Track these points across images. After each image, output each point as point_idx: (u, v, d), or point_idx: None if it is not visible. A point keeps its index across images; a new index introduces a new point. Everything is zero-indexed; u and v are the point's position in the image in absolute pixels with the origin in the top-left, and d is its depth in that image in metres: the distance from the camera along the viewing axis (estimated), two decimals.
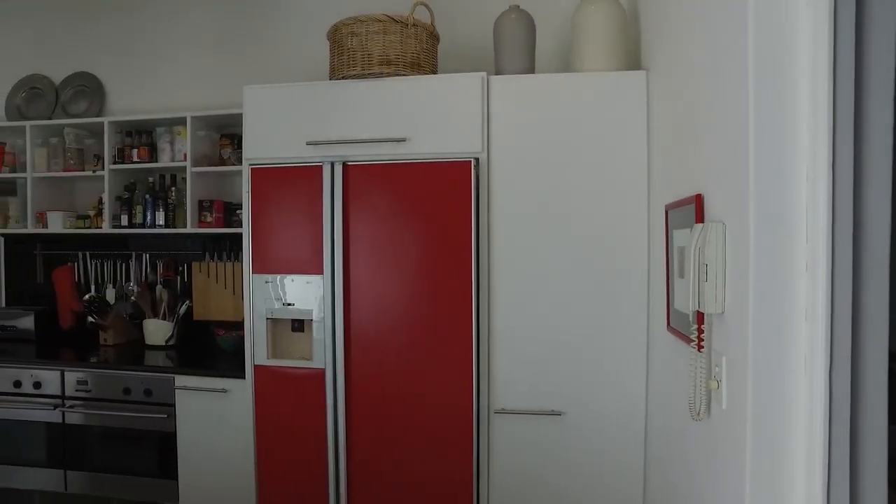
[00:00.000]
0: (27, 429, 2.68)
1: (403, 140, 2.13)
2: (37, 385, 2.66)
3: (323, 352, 2.18)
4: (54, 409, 2.64)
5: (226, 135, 2.89)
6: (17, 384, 2.68)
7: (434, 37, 2.33)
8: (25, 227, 3.10)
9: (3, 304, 3.39)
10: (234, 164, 2.83)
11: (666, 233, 1.72)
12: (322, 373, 2.19)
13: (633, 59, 2.28)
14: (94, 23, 3.26)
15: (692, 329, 1.31)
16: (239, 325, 2.90)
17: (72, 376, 2.63)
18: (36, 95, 3.28)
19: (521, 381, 2.11)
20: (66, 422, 2.63)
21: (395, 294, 2.15)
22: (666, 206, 1.71)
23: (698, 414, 1.29)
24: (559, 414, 2.08)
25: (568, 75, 2.12)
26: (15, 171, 3.11)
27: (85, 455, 2.62)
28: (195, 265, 3.03)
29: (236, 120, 2.86)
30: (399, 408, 2.16)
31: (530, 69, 2.28)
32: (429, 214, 2.12)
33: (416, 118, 2.14)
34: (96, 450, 2.61)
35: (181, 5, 3.12)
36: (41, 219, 3.06)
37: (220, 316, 2.97)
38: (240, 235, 2.94)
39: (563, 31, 2.60)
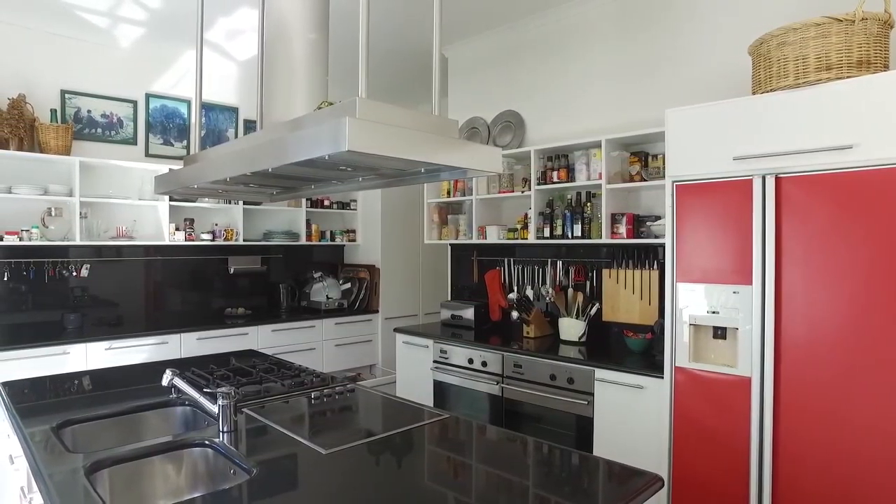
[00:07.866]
0: (475, 396, 3.41)
1: (848, 147, 2.02)
2: (483, 363, 3.37)
3: (749, 360, 2.21)
4: (496, 384, 3.29)
5: (634, 153, 3.16)
6: (470, 361, 3.44)
7: (888, 26, 2.13)
8: (469, 238, 3.95)
9: (449, 298, 4.37)
10: (642, 180, 3.08)
11: None
12: (748, 381, 2.22)
13: None
14: (515, 72, 3.95)
15: None
16: (646, 328, 3.14)
17: (510, 359, 3.24)
18: (474, 133, 4.13)
19: None
20: (504, 395, 3.26)
21: (834, 308, 2.04)
22: None
23: None
24: None
25: None
26: (464, 195, 3.99)
27: (517, 424, 3.20)
28: (605, 271, 3.38)
29: (644, 139, 3.12)
30: (836, 431, 2.04)
31: None
32: (880, 224, 1.96)
33: (864, 122, 2.00)
34: (525, 421, 3.16)
35: (588, 45, 3.53)
36: (481, 231, 3.85)
37: (628, 319, 3.26)
38: (648, 245, 3.19)
39: None
